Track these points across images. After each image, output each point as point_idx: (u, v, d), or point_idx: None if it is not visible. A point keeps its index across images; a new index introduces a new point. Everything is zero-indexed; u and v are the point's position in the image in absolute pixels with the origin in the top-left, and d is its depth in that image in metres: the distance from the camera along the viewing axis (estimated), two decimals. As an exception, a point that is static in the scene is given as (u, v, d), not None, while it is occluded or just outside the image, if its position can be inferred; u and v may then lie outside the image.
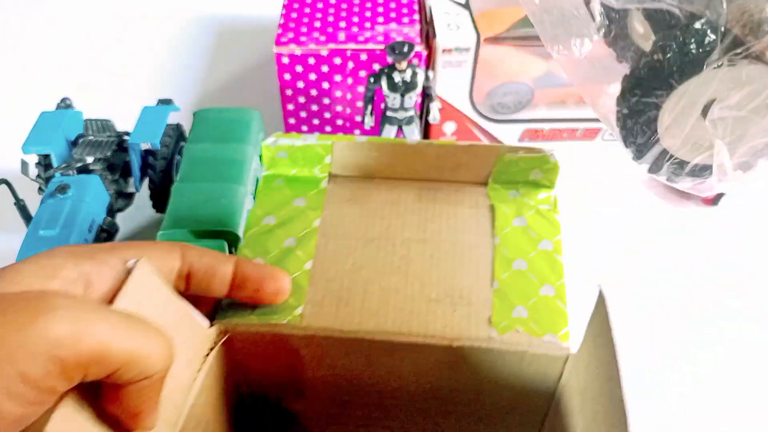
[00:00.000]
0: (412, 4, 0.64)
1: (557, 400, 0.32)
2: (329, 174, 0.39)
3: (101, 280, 0.24)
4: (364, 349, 0.32)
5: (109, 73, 0.79)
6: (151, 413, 0.24)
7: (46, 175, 0.55)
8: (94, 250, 0.25)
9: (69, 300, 0.21)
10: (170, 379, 0.25)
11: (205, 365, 0.30)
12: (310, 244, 0.35)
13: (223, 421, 0.34)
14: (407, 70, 0.54)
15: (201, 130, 0.57)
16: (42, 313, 0.19)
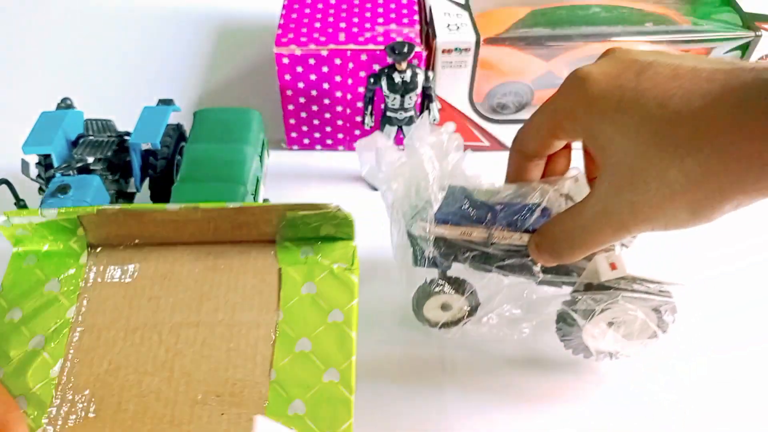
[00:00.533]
0: (412, 4, 0.64)
1: None
2: (88, 246, 0.34)
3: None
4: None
5: (109, 73, 0.79)
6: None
7: (46, 175, 0.55)
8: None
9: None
10: None
11: None
12: (61, 342, 0.30)
13: None
14: (407, 70, 0.54)
15: (201, 130, 0.57)
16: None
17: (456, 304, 0.43)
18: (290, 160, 0.66)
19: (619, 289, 0.41)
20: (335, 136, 0.66)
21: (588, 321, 0.42)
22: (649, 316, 0.42)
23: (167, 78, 0.78)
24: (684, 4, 0.65)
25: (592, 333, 0.43)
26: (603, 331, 0.43)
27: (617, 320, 0.42)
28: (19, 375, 0.29)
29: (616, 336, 0.43)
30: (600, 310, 0.41)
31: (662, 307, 0.42)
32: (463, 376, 0.47)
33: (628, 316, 0.42)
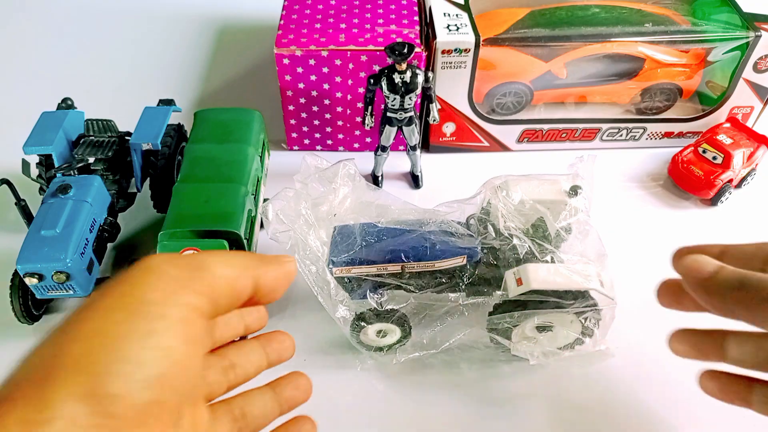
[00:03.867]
0: (412, 5, 0.64)
1: None
2: None
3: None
4: None
5: (110, 73, 0.79)
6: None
7: (47, 175, 0.55)
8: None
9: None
10: None
11: None
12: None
13: None
14: (407, 71, 0.54)
15: (202, 130, 0.57)
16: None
17: (391, 329, 0.46)
18: (290, 161, 0.66)
19: (533, 304, 0.43)
20: (335, 137, 0.66)
21: (510, 341, 0.45)
22: (571, 325, 0.44)
23: (168, 78, 0.78)
24: (684, 4, 0.66)
25: (521, 346, 0.46)
26: (534, 338, 0.45)
27: (546, 325, 0.45)
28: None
29: (545, 342, 0.45)
30: (515, 327, 0.44)
31: (584, 315, 0.43)
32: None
33: (553, 323, 0.44)
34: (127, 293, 0.23)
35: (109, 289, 0.23)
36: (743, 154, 0.61)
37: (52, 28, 0.86)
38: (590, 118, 0.66)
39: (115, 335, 0.21)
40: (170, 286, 0.24)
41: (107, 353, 0.21)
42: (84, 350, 0.21)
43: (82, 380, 0.20)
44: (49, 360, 0.21)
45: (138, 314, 0.22)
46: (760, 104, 0.65)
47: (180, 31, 0.86)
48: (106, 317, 0.22)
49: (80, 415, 0.20)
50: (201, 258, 0.26)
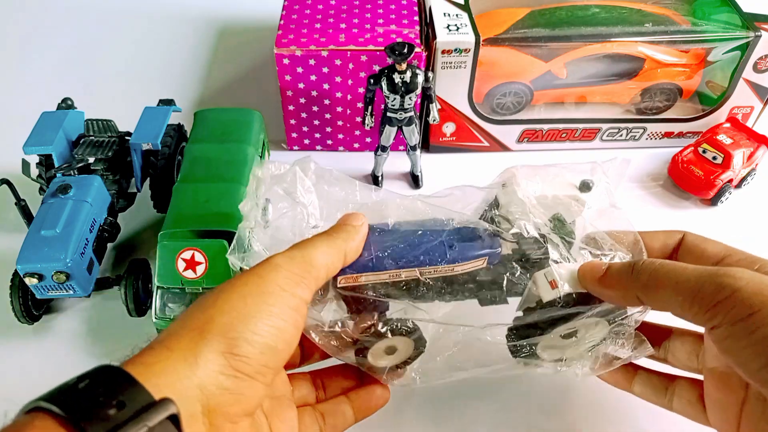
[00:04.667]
0: (412, 5, 0.64)
1: None
2: None
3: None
4: None
5: (110, 73, 0.79)
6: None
7: (47, 175, 0.55)
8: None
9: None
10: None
11: None
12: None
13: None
14: (407, 71, 0.54)
15: (202, 130, 0.57)
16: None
17: (401, 344, 0.40)
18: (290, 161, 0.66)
19: (552, 321, 0.38)
20: (335, 137, 0.66)
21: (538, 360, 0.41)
22: (596, 328, 0.39)
23: (168, 78, 0.78)
24: (684, 4, 0.66)
25: (548, 354, 0.41)
26: (558, 347, 0.41)
27: (571, 331, 0.40)
28: None
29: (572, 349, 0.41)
30: (540, 347, 0.40)
31: (614, 317, 0.38)
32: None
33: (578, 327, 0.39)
34: (259, 283, 0.30)
35: (246, 277, 0.31)
36: (743, 154, 0.61)
37: (52, 28, 0.86)
38: (590, 118, 0.66)
39: (247, 313, 0.29)
40: (289, 280, 0.31)
41: (242, 326, 0.29)
42: (228, 322, 0.28)
43: (225, 342, 0.28)
44: (201, 323, 0.28)
45: (264, 300, 0.30)
46: (760, 104, 0.65)
47: (180, 31, 0.86)
48: (242, 299, 0.30)
49: (220, 365, 0.28)
50: (309, 253, 0.33)
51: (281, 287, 0.31)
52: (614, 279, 0.34)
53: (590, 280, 0.36)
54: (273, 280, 0.31)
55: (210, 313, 0.29)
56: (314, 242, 0.34)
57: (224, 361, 0.28)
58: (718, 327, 0.29)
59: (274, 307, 0.30)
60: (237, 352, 0.28)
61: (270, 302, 0.30)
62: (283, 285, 0.31)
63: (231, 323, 0.28)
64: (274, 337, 0.29)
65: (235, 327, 0.28)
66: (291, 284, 0.31)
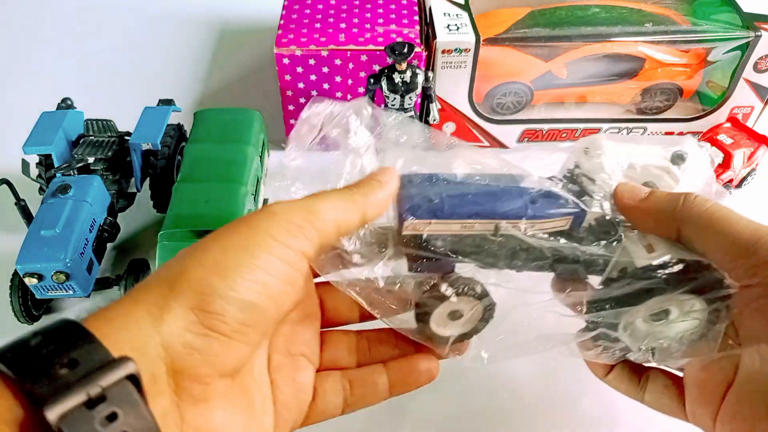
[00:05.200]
0: (412, 5, 0.64)
1: None
2: None
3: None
4: None
5: (109, 73, 0.79)
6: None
7: (47, 175, 0.55)
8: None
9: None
10: None
11: None
12: None
13: None
14: (407, 71, 0.54)
15: (202, 130, 0.57)
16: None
17: (467, 309, 0.35)
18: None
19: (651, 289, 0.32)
20: (335, 137, 0.66)
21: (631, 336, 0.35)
22: (692, 311, 0.33)
23: (168, 78, 0.78)
24: (684, 4, 0.65)
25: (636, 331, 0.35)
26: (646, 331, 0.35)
27: (661, 311, 0.34)
28: None
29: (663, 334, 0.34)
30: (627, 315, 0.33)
31: (713, 298, 0.32)
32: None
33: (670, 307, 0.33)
34: (248, 233, 0.27)
35: (235, 225, 0.28)
36: (743, 154, 0.61)
37: (52, 28, 0.86)
38: (590, 118, 0.66)
39: (226, 266, 0.26)
40: (284, 230, 0.27)
41: (218, 280, 0.26)
42: (202, 275, 0.26)
43: (196, 297, 0.25)
44: (175, 276, 0.26)
45: (250, 251, 0.27)
46: (761, 104, 0.65)
47: (180, 31, 0.86)
48: (224, 250, 0.27)
49: (188, 321, 0.25)
50: (314, 203, 0.29)
51: (273, 237, 0.27)
52: (658, 204, 0.32)
53: (628, 198, 0.33)
54: (264, 229, 0.27)
55: (186, 264, 0.26)
56: (325, 193, 0.31)
57: (194, 317, 0.25)
58: (756, 286, 0.29)
59: (259, 260, 0.26)
60: (209, 308, 0.25)
61: (256, 254, 0.27)
62: (276, 235, 0.27)
63: (205, 276, 0.26)
64: (257, 294, 0.26)
65: (209, 280, 0.25)
66: (285, 234, 0.27)
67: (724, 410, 0.32)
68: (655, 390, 0.36)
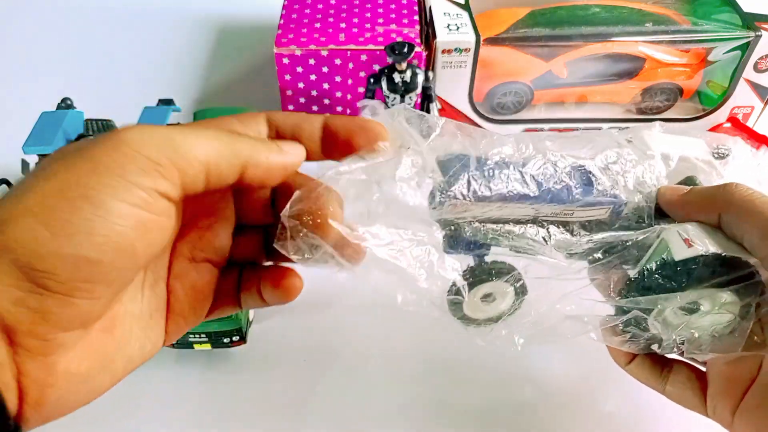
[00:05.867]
0: (412, 4, 0.64)
1: None
2: None
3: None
4: None
5: (109, 73, 0.79)
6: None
7: (46, 175, 0.55)
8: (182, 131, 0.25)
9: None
10: None
11: None
12: None
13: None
14: (407, 70, 0.54)
15: (201, 130, 0.57)
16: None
17: (500, 292, 0.35)
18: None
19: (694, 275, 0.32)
20: (335, 136, 0.66)
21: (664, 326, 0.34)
22: (724, 305, 0.33)
23: (167, 78, 0.78)
24: (684, 4, 0.65)
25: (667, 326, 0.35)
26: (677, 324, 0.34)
27: (693, 307, 0.34)
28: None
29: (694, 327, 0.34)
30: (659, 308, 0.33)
31: (748, 294, 0.32)
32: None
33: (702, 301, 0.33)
34: (91, 171, 0.22)
35: (77, 157, 0.23)
36: (744, 154, 0.61)
37: (52, 28, 0.86)
38: (591, 118, 0.66)
39: (60, 218, 0.22)
40: (138, 167, 0.23)
41: (48, 236, 0.22)
42: (30, 226, 0.22)
43: (24, 253, 0.21)
44: (2, 221, 0.22)
45: (90, 196, 0.22)
46: (761, 104, 0.65)
47: (180, 30, 0.86)
48: (61, 195, 0.22)
49: (15, 278, 0.21)
50: (179, 135, 0.24)
51: (120, 175, 0.22)
52: (699, 195, 0.33)
53: (670, 195, 0.34)
54: (109, 165, 0.22)
55: (17, 208, 0.22)
56: (196, 126, 0.27)
57: (20, 274, 0.21)
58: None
59: (99, 208, 0.22)
60: (38, 266, 0.21)
61: (96, 200, 0.22)
62: (124, 173, 0.22)
63: (33, 228, 0.21)
64: (98, 248, 0.22)
65: (36, 234, 0.21)
66: (136, 172, 0.23)
67: (745, 405, 0.32)
68: (677, 382, 0.36)
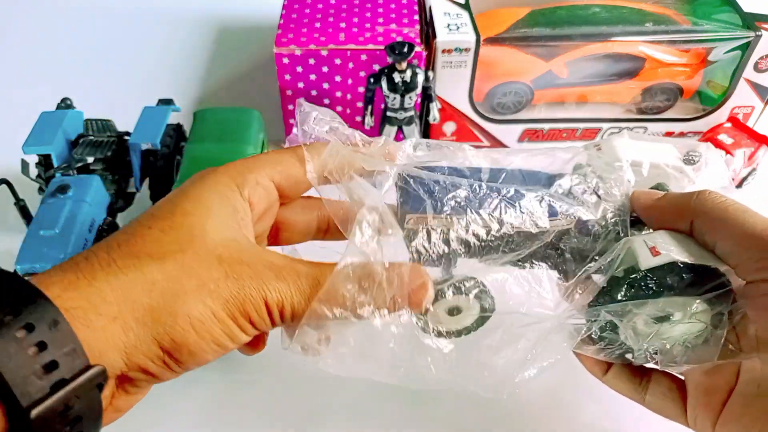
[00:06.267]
0: (412, 4, 0.64)
1: None
2: None
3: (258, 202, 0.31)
4: None
5: (109, 73, 0.79)
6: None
7: (46, 175, 0.55)
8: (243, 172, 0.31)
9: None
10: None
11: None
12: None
13: None
14: (407, 70, 0.54)
15: (201, 130, 0.57)
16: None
17: (466, 306, 0.35)
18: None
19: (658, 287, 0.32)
20: (335, 136, 0.66)
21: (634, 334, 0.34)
22: (696, 314, 0.33)
23: (167, 78, 0.78)
24: (684, 4, 0.65)
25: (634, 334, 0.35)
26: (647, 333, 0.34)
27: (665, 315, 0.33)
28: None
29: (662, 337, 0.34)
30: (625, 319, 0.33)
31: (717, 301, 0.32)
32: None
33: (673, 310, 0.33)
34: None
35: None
36: (744, 154, 0.61)
37: (52, 28, 0.86)
38: (591, 118, 0.66)
39: (210, 330, 0.26)
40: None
41: (195, 338, 0.25)
42: (185, 326, 0.25)
43: (170, 344, 0.25)
44: (158, 307, 0.25)
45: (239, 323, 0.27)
46: (761, 104, 0.65)
47: (180, 30, 0.86)
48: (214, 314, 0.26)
49: (155, 355, 0.25)
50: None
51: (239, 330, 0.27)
52: (673, 200, 0.33)
53: (645, 200, 0.34)
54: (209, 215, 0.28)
55: (176, 311, 0.25)
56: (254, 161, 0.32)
57: (160, 354, 0.25)
58: (765, 282, 0.29)
59: (234, 341, 0.27)
60: (174, 354, 0.25)
61: (237, 332, 0.27)
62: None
63: (187, 330, 0.25)
64: (215, 354, 0.27)
65: (189, 337, 0.25)
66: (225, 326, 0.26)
67: (725, 415, 0.32)
68: (657, 392, 0.36)
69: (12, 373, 0.20)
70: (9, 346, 0.20)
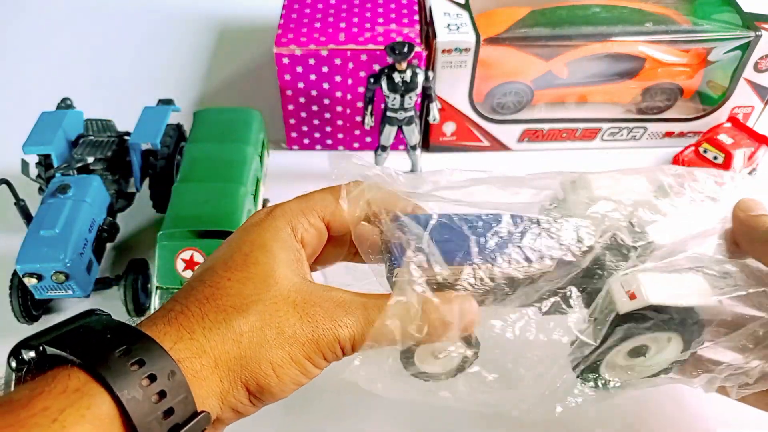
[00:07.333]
0: (412, 4, 0.64)
1: None
2: None
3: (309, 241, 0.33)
4: None
5: (109, 73, 0.79)
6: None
7: (46, 175, 0.55)
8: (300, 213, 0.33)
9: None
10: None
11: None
12: None
13: None
14: (407, 70, 0.54)
15: (201, 130, 0.57)
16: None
17: (450, 348, 0.34)
18: (290, 160, 0.66)
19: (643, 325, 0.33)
20: (335, 136, 0.66)
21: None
22: (669, 344, 0.35)
23: (167, 78, 0.78)
24: (684, 4, 0.65)
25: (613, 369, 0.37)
26: (626, 366, 0.36)
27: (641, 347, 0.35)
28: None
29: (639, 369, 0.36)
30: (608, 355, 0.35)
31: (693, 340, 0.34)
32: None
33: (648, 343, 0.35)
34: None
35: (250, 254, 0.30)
36: (744, 154, 0.61)
37: (52, 28, 0.86)
38: (591, 118, 0.66)
39: (290, 375, 0.29)
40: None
41: (276, 384, 0.28)
42: (268, 371, 0.28)
43: (257, 389, 0.28)
44: (249, 363, 0.28)
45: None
46: (761, 104, 0.65)
47: (180, 30, 0.86)
48: (288, 353, 0.29)
49: (243, 397, 0.28)
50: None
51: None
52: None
53: (744, 220, 0.36)
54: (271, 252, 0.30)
55: (259, 357, 0.28)
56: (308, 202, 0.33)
57: (247, 395, 0.28)
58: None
59: (307, 377, 0.29)
60: (262, 397, 0.28)
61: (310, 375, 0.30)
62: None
63: (269, 375, 0.28)
64: (290, 392, 0.29)
65: (271, 380, 0.28)
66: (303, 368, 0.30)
67: None
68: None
69: (140, 420, 0.23)
70: (137, 394, 0.23)
